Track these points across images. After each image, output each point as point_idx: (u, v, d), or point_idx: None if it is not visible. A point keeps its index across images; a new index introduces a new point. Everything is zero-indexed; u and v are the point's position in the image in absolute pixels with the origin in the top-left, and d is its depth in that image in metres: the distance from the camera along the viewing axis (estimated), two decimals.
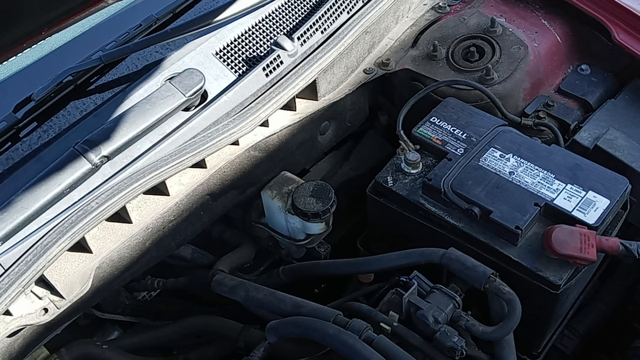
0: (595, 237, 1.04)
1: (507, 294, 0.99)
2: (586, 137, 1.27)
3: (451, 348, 0.97)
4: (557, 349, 1.31)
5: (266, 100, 1.14)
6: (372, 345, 0.96)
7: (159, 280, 1.27)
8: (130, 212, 1.03)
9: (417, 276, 1.06)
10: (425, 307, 1.00)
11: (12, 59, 1.04)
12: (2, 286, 0.88)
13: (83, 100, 1.16)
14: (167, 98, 1.04)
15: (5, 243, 0.91)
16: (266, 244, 1.33)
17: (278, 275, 1.27)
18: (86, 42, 1.28)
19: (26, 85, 1.16)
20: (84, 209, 0.94)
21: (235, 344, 1.21)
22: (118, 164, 1.01)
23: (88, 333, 1.22)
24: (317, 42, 1.24)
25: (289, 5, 1.28)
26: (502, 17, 1.46)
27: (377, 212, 1.28)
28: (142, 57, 1.22)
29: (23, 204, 0.92)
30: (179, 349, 1.30)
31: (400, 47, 1.42)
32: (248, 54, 1.19)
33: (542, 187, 1.12)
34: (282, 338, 1.05)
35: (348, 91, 1.32)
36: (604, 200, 1.09)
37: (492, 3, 1.51)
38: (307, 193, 1.19)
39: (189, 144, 1.05)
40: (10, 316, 0.94)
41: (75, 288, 0.99)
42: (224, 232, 1.33)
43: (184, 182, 1.09)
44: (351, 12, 1.30)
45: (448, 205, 1.14)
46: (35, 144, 1.08)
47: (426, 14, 1.49)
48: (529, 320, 1.03)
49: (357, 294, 1.24)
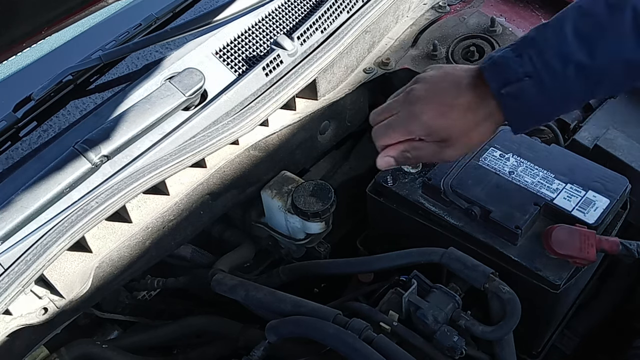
0: (595, 236, 1.04)
1: (507, 293, 0.99)
2: (586, 136, 1.27)
3: (451, 347, 0.97)
4: (557, 348, 1.31)
5: (266, 100, 1.14)
6: (372, 344, 0.96)
7: (159, 280, 1.27)
8: (130, 212, 1.03)
9: (417, 276, 1.06)
10: (425, 306, 1.00)
11: (11, 58, 1.03)
12: (2, 285, 0.88)
13: (83, 99, 1.16)
14: (167, 97, 1.04)
15: (5, 242, 0.91)
16: (266, 244, 1.33)
17: (278, 274, 1.27)
18: (86, 41, 1.28)
19: (26, 84, 1.16)
20: (84, 209, 0.94)
21: (235, 343, 1.21)
22: (118, 164, 1.01)
23: (88, 332, 1.22)
24: (317, 41, 1.24)
25: (288, 4, 1.28)
26: (502, 17, 1.46)
27: (377, 212, 1.28)
28: (142, 57, 1.22)
29: (23, 204, 0.92)
30: (179, 349, 1.30)
31: (400, 47, 1.42)
32: (248, 53, 1.20)
33: (542, 186, 1.12)
34: (282, 337, 1.05)
35: (348, 91, 1.32)
36: (604, 199, 1.09)
37: (492, 3, 1.51)
38: (307, 192, 1.19)
39: (189, 144, 1.05)
40: (10, 315, 0.94)
41: (75, 287, 0.99)
42: (224, 231, 1.33)
43: (183, 182, 1.09)
44: (351, 11, 1.30)
45: (448, 205, 1.15)
46: (35, 144, 1.08)
47: (426, 14, 1.49)
48: (529, 320, 1.03)
49: (357, 294, 1.24)
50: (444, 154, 0.91)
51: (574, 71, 0.80)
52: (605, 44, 0.79)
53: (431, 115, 0.88)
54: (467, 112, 0.87)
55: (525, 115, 0.84)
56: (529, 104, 0.82)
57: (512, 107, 0.83)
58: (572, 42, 0.79)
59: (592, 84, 0.81)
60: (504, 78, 0.82)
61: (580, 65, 0.79)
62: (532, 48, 0.80)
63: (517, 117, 0.84)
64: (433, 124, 0.88)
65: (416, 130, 0.90)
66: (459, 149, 0.90)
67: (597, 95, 0.88)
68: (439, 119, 0.88)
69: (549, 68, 0.80)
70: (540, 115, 0.85)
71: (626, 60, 0.79)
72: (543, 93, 0.81)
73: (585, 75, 0.80)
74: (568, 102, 0.85)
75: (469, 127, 0.88)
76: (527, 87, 0.81)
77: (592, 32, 0.79)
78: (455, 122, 0.87)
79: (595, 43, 0.79)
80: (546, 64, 0.80)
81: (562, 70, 0.79)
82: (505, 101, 0.83)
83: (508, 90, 0.82)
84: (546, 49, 0.80)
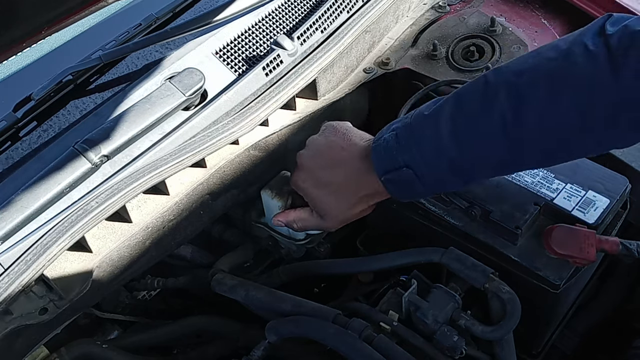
0: (595, 236, 1.04)
1: (506, 293, 0.99)
2: None
3: (451, 347, 0.97)
4: (557, 348, 1.31)
5: (266, 100, 1.14)
6: (372, 344, 0.96)
7: (159, 280, 1.27)
8: (130, 212, 1.03)
9: (417, 275, 1.06)
10: (425, 306, 1.00)
11: (11, 58, 1.03)
12: (2, 285, 0.88)
13: (83, 99, 1.15)
14: (167, 97, 1.04)
15: (5, 242, 0.91)
16: (266, 244, 1.33)
17: (278, 274, 1.27)
18: (86, 41, 1.28)
19: (26, 84, 1.16)
20: (84, 208, 0.94)
21: (235, 343, 1.21)
22: (118, 163, 1.00)
23: (88, 332, 1.22)
24: (317, 41, 1.24)
25: (288, 4, 1.28)
26: (502, 17, 1.46)
27: (377, 212, 1.28)
28: (142, 57, 1.22)
29: (23, 204, 0.92)
30: (179, 349, 1.30)
31: (400, 47, 1.42)
32: (248, 53, 1.20)
33: (542, 186, 1.12)
34: (282, 337, 1.05)
35: (348, 90, 1.32)
36: (604, 199, 1.09)
37: (492, 2, 1.51)
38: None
39: (189, 143, 1.04)
40: (10, 315, 0.94)
41: (75, 287, 0.99)
42: (224, 231, 1.33)
43: (183, 182, 1.09)
44: (351, 11, 1.30)
45: (448, 205, 1.15)
46: (35, 144, 1.08)
47: (426, 14, 1.49)
48: (529, 320, 1.03)
49: (357, 294, 1.24)
50: (324, 225, 1.04)
51: (447, 164, 0.88)
52: (474, 144, 0.86)
53: (309, 185, 1.02)
54: (347, 189, 0.98)
55: (406, 194, 0.95)
56: (408, 187, 0.92)
57: (393, 189, 0.94)
58: (446, 138, 0.87)
59: (464, 176, 0.91)
60: (386, 165, 0.92)
61: (452, 160, 0.87)
62: (412, 139, 0.90)
63: (399, 195, 0.96)
64: (313, 195, 1.01)
65: (300, 192, 1.04)
66: (336, 222, 1.03)
67: (470, 184, 0.97)
68: (317, 191, 1.01)
69: (425, 160, 0.89)
70: (419, 195, 0.96)
71: (495, 159, 0.88)
72: (420, 180, 0.90)
73: (457, 169, 0.89)
74: (444, 187, 0.97)
75: (348, 204, 1.00)
76: (405, 175, 0.90)
77: (465, 131, 0.86)
78: (334, 199, 1.00)
79: (467, 142, 0.86)
80: (422, 156, 0.89)
81: (436, 163, 0.88)
82: (387, 185, 0.94)
83: (388, 177, 0.92)
84: (423, 143, 0.89)
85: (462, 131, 0.86)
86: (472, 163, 0.88)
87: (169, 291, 1.33)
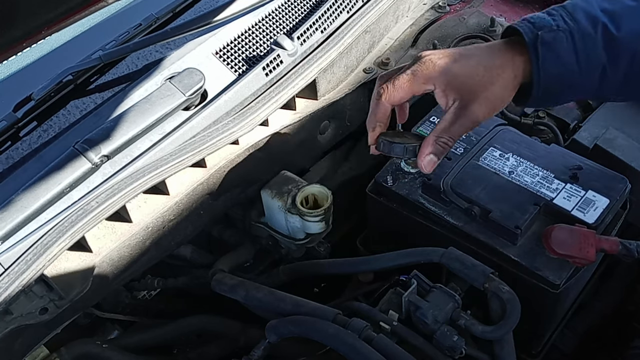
0: (594, 236, 1.04)
1: (506, 293, 0.99)
2: (586, 136, 1.27)
3: (451, 347, 0.97)
4: (557, 348, 1.31)
5: (266, 100, 1.14)
6: (372, 344, 0.96)
7: (159, 280, 1.27)
8: (130, 212, 1.03)
9: (417, 275, 1.06)
10: (424, 306, 1.00)
11: (11, 58, 1.03)
12: (2, 285, 0.88)
13: (83, 99, 1.16)
14: (167, 97, 1.04)
15: (5, 242, 0.91)
16: (266, 244, 1.33)
17: (278, 274, 1.27)
18: (86, 41, 1.28)
19: (26, 84, 1.16)
20: (84, 208, 0.94)
21: (235, 343, 1.21)
22: (118, 163, 1.01)
23: (88, 332, 1.22)
24: (317, 41, 1.24)
25: (288, 4, 1.28)
26: (502, 17, 1.46)
27: (376, 212, 1.28)
28: (142, 57, 1.22)
29: (23, 204, 0.92)
30: (179, 348, 1.30)
31: (400, 47, 1.42)
32: (248, 53, 1.20)
33: (542, 186, 1.12)
34: (282, 337, 1.05)
35: (348, 90, 1.32)
36: (604, 199, 1.09)
37: (491, 2, 1.51)
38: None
39: (189, 143, 1.05)
40: (10, 315, 0.94)
41: (75, 287, 0.99)
42: (224, 231, 1.33)
43: (184, 182, 1.09)
44: (351, 11, 1.30)
45: (448, 205, 1.15)
46: (35, 143, 1.08)
47: (426, 14, 1.49)
48: (529, 320, 1.03)
49: (357, 294, 1.24)
50: (469, 111, 0.84)
51: (602, 33, 0.82)
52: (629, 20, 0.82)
53: (448, 61, 0.85)
54: (487, 61, 0.85)
55: (554, 77, 0.83)
56: (560, 59, 0.82)
57: (544, 58, 0.82)
58: (598, 9, 0.83)
59: (615, 54, 0.82)
60: (539, 27, 0.82)
61: (606, 29, 0.81)
62: (563, 10, 0.83)
63: (546, 72, 0.83)
64: (451, 68, 0.84)
65: (430, 74, 0.84)
66: (482, 103, 0.84)
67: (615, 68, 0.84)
68: (456, 64, 0.84)
69: (579, 26, 0.82)
70: (566, 77, 0.83)
71: None
72: (574, 49, 0.82)
73: (610, 40, 0.82)
74: (590, 69, 0.84)
75: (490, 78, 0.84)
76: (560, 38, 0.81)
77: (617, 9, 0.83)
78: (475, 68, 0.84)
79: (620, 16, 0.82)
80: (577, 22, 0.82)
81: (592, 31, 0.82)
82: (539, 50, 0.82)
83: (544, 35, 0.82)
84: (576, 11, 0.83)
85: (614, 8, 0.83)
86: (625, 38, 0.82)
87: (168, 291, 1.33)
